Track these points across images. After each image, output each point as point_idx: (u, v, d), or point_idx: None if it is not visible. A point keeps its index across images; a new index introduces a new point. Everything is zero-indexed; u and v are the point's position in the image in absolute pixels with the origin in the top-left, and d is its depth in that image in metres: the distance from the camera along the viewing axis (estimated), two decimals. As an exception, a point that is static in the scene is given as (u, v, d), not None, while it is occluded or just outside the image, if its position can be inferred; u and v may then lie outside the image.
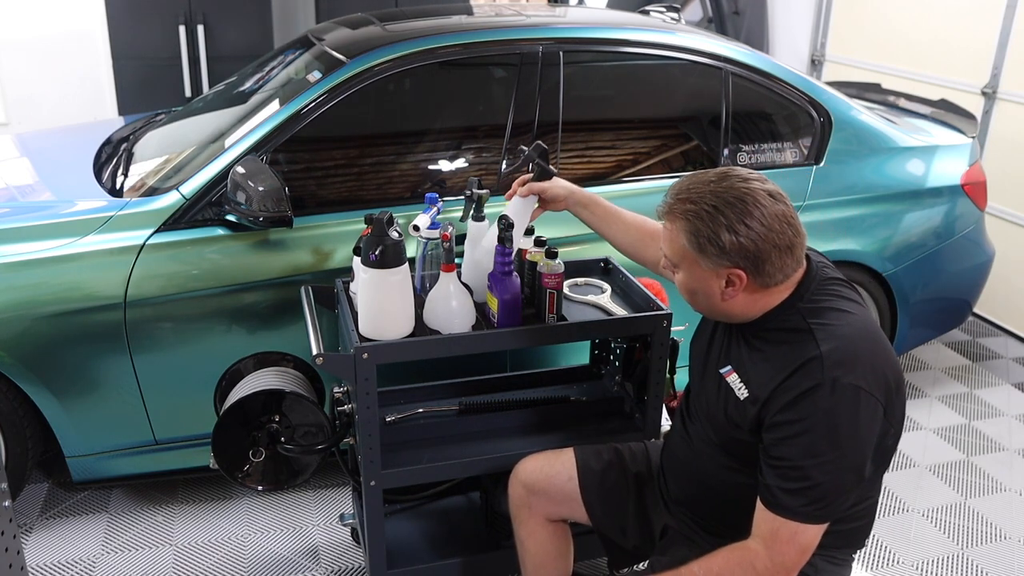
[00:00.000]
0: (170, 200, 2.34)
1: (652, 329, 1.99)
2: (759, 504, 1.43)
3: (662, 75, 2.78)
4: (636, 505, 1.79)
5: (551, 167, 1.98)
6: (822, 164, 2.85)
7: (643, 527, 1.78)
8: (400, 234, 1.80)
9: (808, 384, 1.37)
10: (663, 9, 3.53)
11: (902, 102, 3.53)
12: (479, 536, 2.25)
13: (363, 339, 1.84)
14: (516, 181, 1.98)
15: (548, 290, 1.90)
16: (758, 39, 5.20)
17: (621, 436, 2.07)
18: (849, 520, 1.52)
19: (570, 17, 2.94)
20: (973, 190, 3.05)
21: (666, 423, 2.15)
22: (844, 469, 1.37)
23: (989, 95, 3.92)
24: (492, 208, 2.12)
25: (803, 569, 1.48)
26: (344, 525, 2.48)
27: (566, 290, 2.09)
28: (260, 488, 2.00)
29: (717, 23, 5.20)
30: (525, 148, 2.03)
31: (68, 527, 2.50)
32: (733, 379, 1.52)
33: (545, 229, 2.19)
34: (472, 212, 2.04)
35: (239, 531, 2.51)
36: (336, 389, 2.02)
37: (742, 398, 1.49)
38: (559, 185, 1.96)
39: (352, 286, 2.03)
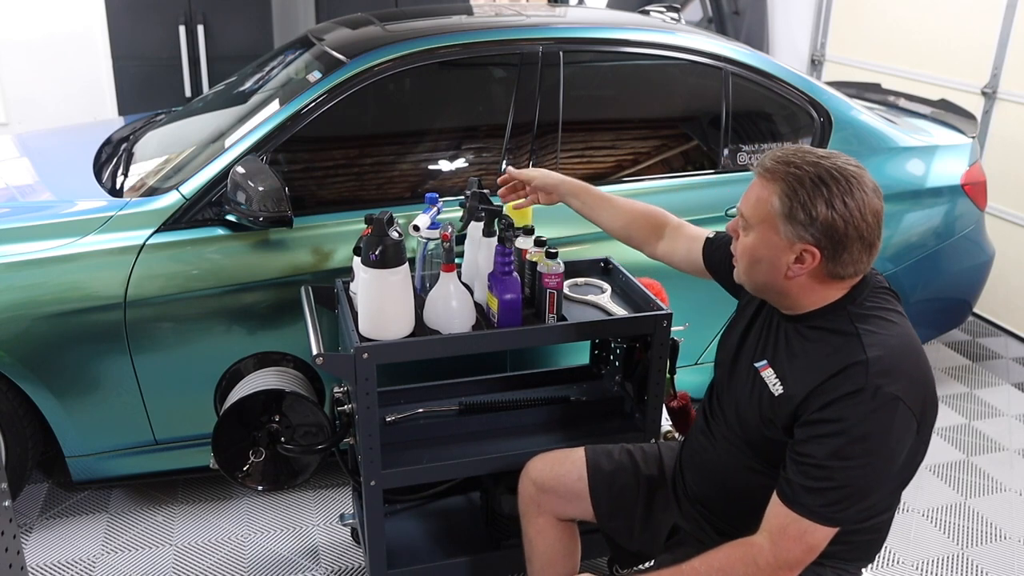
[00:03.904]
0: (170, 200, 2.34)
1: (652, 329, 2.00)
2: (774, 498, 1.42)
3: (662, 75, 2.78)
4: (644, 509, 1.78)
5: (493, 206, 2.01)
6: (822, 164, 2.85)
7: (649, 531, 1.78)
8: (400, 234, 1.80)
9: (850, 388, 1.35)
10: (663, 9, 3.53)
11: (902, 102, 3.54)
12: (479, 536, 2.25)
13: (363, 339, 1.84)
14: (503, 190, 2.06)
15: (548, 290, 1.90)
16: (758, 39, 5.20)
17: (621, 436, 2.07)
18: (865, 532, 1.51)
19: (570, 17, 2.94)
20: (973, 190, 3.05)
21: (666, 423, 2.15)
22: (869, 477, 1.36)
23: (989, 95, 3.92)
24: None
25: None
26: (344, 525, 2.48)
27: (566, 290, 2.09)
28: (260, 488, 2.00)
29: (717, 23, 5.20)
30: (466, 197, 2.11)
31: (68, 527, 2.50)
32: (768, 374, 1.50)
33: (545, 229, 2.19)
34: (472, 212, 2.04)
35: (239, 531, 2.51)
36: (336, 389, 2.02)
37: (776, 394, 1.47)
38: (549, 176, 2.00)
39: (352, 286, 2.03)
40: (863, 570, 1.59)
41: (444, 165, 2.60)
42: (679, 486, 1.76)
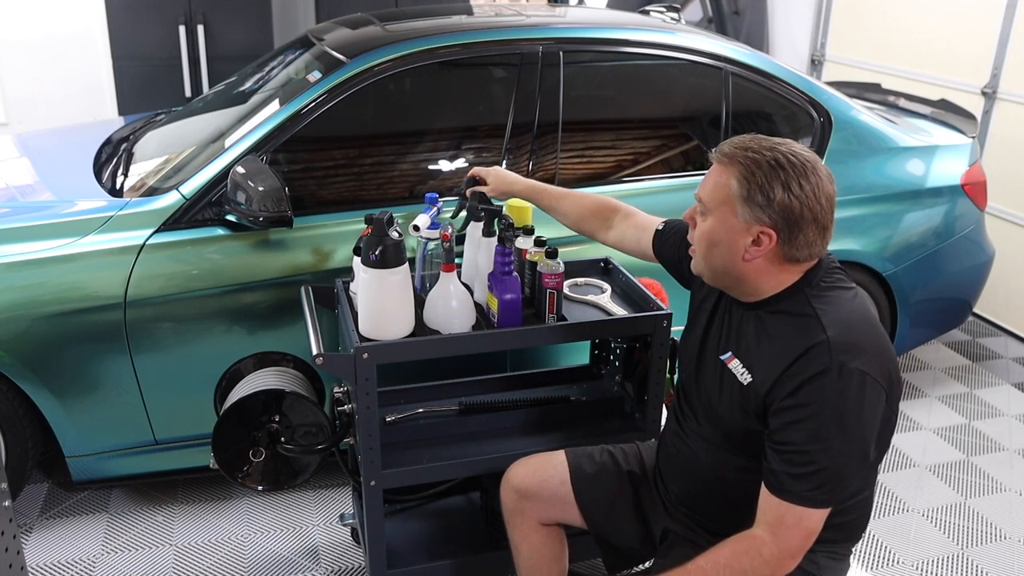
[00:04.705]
0: (170, 200, 2.34)
1: (652, 329, 2.00)
2: (763, 490, 1.43)
3: (662, 75, 2.78)
4: (633, 507, 1.78)
5: (493, 206, 2.05)
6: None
7: (641, 529, 1.77)
8: (400, 234, 1.80)
9: (815, 369, 1.38)
10: (663, 9, 3.53)
11: (902, 102, 3.53)
12: (479, 536, 2.25)
13: (363, 339, 1.84)
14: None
15: (548, 290, 1.90)
16: (758, 39, 5.20)
17: (621, 436, 2.07)
18: (848, 512, 1.52)
19: (570, 17, 2.94)
20: (973, 190, 3.05)
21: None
22: (849, 454, 1.38)
23: (989, 95, 3.92)
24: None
25: (806, 566, 1.48)
26: (344, 525, 2.48)
27: (566, 290, 2.09)
28: (260, 488, 2.00)
29: (717, 23, 5.20)
30: (463, 198, 2.16)
31: (68, 527, 2.50)
32: (735, 365, 1.52)
33: (545, 229, 2.19)
34: (473, 212, 2.04)
35: (239, 531, 2.51)
36: (336, 389, 2.02)
37: (745, 383, 1.48)
38: (503, 177, 2.10)
39: (352, 286, 2.03)
40: (856, 564, 1.59)
41: (444, 165, 2.60)
42: (661, 490, 1.76)
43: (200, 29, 4.39)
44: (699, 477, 1.64)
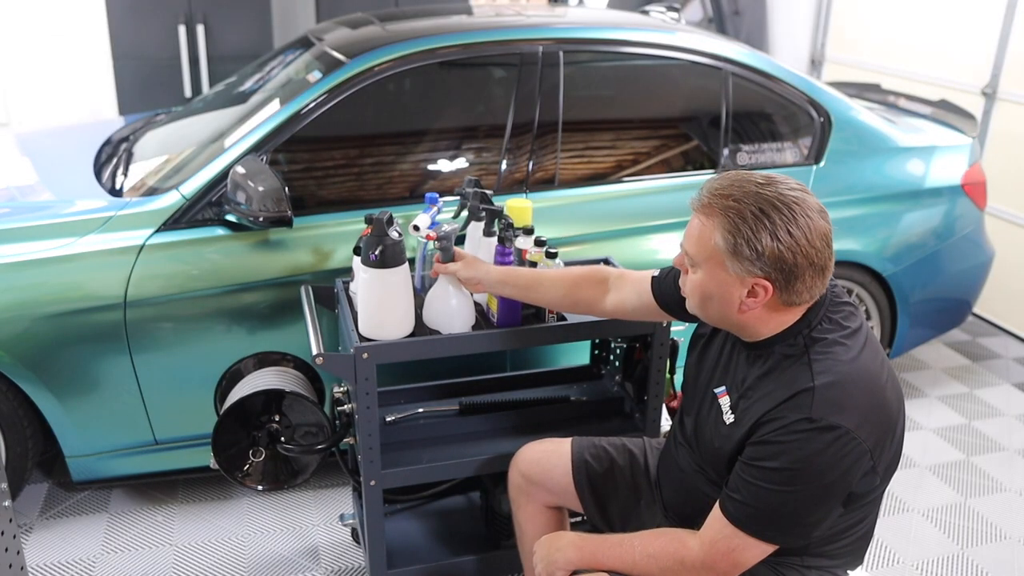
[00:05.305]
0: (170, 200, 2.34)
1: (652, 329, 2.00)
2: (715, 507, 1.43)
3: (662, 75, 2.78)
4: (630, 505, 1.79)
5: (494, 206, 2.00)
6: (822, 164, 2.85)
7: (636, 527, 1.78)
8: (400, 234, 1.80)
9: (794, 416, 1.34)
10: (663, 9, 3.53)
11: (902, 102, 3.54)
12: (479, 536, 2.25)
13: (363, 339, 1.84)
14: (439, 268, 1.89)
15: (548, 290, 1.89)
16: (758, 39, 5.20)
17: (621, 436, 2.07)
18: (843, 538, 1.49)
19: (570, 17, 2.94)
20: (973, 190, 3.05)
21: (666, 423, 2.15)
22: (802, 504, 1.35)
23: (989, 95, 3.92)
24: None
25: None
26: (344, 525, 2.49)
27: (566, 290, 2.08)
28: (260, 488, 2.00)
29: (717, 23, 5.20)
30: (467, 192, 2.04)
31: (68, 527, 2.50)
32: (724, 401, 1.49)
33: (545, 229, 2.19)
34: (473, 212, 2.04)
35: (239, 531, 2.51)
36: (336, 389, 2.02)
37: (728, 422, 1.47)
38: (471, 267, 1.84)
39: (352, 286, 2.04)
40: (850, 572, 1.58)
41: (444, 165, 2.60)
42: (657, 492, 1.77)
43: (200, 29, 4.39)
44: (685, 489, 1.64)
